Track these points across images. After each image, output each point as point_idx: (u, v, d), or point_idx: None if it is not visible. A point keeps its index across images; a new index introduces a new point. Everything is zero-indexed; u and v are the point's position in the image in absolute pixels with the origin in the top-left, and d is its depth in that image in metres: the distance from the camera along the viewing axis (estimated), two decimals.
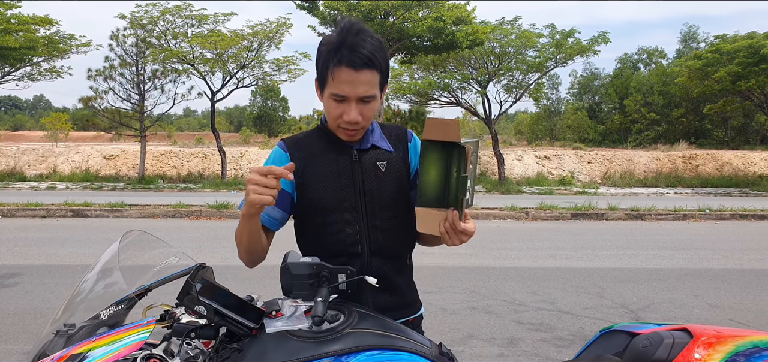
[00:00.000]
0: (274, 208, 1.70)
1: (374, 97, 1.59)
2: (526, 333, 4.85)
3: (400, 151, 1.76)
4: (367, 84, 1.56)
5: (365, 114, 1.60)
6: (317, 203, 1.68)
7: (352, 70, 1.53)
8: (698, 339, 1.47)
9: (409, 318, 1.79)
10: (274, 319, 1.45)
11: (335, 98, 1.58)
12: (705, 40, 47.29)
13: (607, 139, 46.41)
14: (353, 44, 1.54)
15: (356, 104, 1.58)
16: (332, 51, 1.56)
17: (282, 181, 1.56)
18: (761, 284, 6.60)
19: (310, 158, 1.70)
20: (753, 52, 19.66)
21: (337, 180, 1.68)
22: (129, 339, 1.34)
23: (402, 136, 1.78)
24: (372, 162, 1.70)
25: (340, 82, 1.55)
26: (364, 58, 1.53)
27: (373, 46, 1.56)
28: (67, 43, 20.57)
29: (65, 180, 21.51)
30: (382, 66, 1.58)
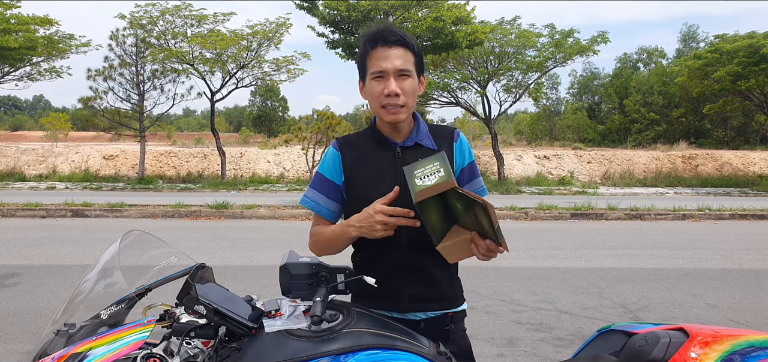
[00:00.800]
0: (330, 201, 1.84)
1: (410, 72, 1.73)
2: (525, 333, 4.86)
3: (445, 150, 1.79)
4: (401, 58, 1.72)
5: (405, 89, 1.72)
6: (363, 196, 1.76)
7: (386, 47, 1.71)
8: (694, 339, 1.48)
9: (448, 312, 1.82)
10: (273, 319, 1.46)
11: (374, 76, 1.74)
12: (705, 40, 47.37)
13: (607, 139, 46.42)
14: (385, 29, 1.74)
15: (395, 78, 1.71)
16: (368, 39, 1.76)
17: (332, 175, 1.82)
18: (760, 284, 6.61)
19: (358, 156, 1.82)
20: (753, 52, 19.66)
21: (380, 175, 1.77)
22: (129, 339, 1.34)
23: (448, 135, 1.86)
24: (414, 158, 1.72)
25: (376, 60, 1.73)
26: (396, 36, 1.72)
27: (403, 31, 1.76)
28: (66, 43, 20.58)
29: (65, 180, 21.51)
30: (414, 48, 1.75)
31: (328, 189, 1.83)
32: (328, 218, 1.85)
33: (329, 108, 24.55)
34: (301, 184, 21.27)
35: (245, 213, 12.55)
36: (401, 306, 1.76)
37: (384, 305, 1.76)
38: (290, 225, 11.37)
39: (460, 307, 1.87)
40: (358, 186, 1.80)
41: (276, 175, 23.85)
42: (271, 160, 25.16)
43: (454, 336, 1.83)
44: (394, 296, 1.76)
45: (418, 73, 1.78)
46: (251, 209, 12.85)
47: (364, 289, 1.72)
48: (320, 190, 1.84)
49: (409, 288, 1.76)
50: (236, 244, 8.89)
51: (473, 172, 1.86)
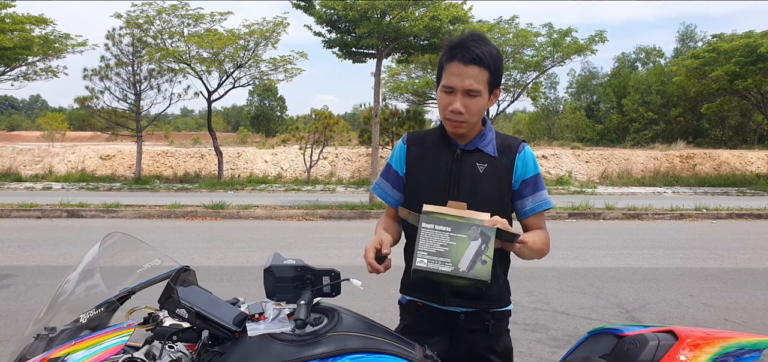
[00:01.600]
0: (393, 189, 1.96)
1: (479, 92, 1.75)
2: (520, 333, 4.83)
3: (506, 159, 1.84)
4: (473, 78, 1.73)
5: (469, 107, 1.76)
6: (419, 191, 1.85)
7: (461, 64, 1.73)
8: (683, 341, 1.47)
9: (492, 310, 1.86)
10: (257, 322, 1.43)
11: (445, 90, 1.78)
12: (702, 40, 47.38)
13: (606, 139, 46.43)
14: (467, 42, 1.74)
15: (462, 96, 1.75)
16: (448, 49, 1.78)
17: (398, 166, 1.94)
18: (757, 283, 6.60)
19: (422, 152, 1.90)
20: (750, 52, 19.67)
21: (437, 173, 1.83)
22: (109, 343, 1.32)
23: (513, 146, 1.87)
24: (472, 162, 1.83)
25: (450, 75, 1.76)
26: (473, 55, 1.72)
27: (485, 48, 1.74)
28: (62, 43, 20.51)
29: (61, 180, 21.45)
30: (491, 66, 1.75)
31: (393, 178, 1.95)
32: (392, 204, 1.97)
33: (328, 107, 24.54)
34: (299, 184, 21.24)
35: (242, 214, 12.52)
36: (442, 299, 1.81)
37: (427, 296, 1.84)
38: (287, 226, 11.34)
39: (505, 308, 1.91)
40: (415, 180, 1.89)
41: (274, 175, 23.81)
42: (269, 159, 25.12)
43: (494, 333, 1.86)
44: (434, 288, 1.80)
45: (490, 89, 1.79)
46: (248, 209, 12.82)
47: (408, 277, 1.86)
48: (388, 179, 1.97)
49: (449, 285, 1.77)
50: (232, 245, 8.86)
51: (536, 185, 1.87)
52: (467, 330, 1.84)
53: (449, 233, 1.52)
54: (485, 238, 1.51)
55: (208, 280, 6.36)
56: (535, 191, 1.86)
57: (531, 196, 1.86)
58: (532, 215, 1.87)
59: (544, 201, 1.87)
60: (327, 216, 12.68)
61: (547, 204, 1.87)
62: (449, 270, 1.50)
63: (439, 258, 1.50)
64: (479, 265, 1.49)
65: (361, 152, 25.47)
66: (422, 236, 1.54)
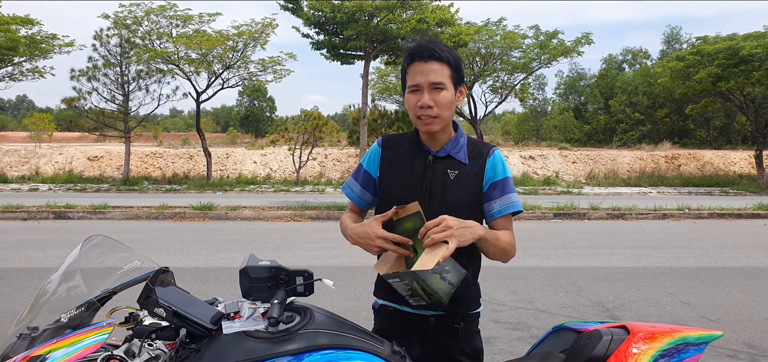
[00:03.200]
0: (364, 191, 2.01)
1: (444, 84, 1.82)
2: (502, 331, 4.93)
3: (477, 165, 1.90)
4: (435, 72, 1.82)
5: (438, 101, 1.82)
6: (391, 195, 1.90)
7: (422, 62, 1.83)
8: (635, 336, 1.56)
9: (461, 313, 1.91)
10: (232, 320, 1.51)
11: (411, 90, 1.86)
12: (687, 42, 47.93)
13: (593, 139, 46.83)
14: (425, 44, 1.85)
15: (429, 91, 1.82)
16: (408, 54, 1.88)
17: (370, 167, 1.99)
18: (733, 282, 6.75)
19: (396, 156, 1.95)
20: (732, 54, 19.94)
21: (409, 179, 1.89)
22: (89, 341, 1.38)
23: (483, 152, 1.93)
24: (443, 169, 1.89)
25: (414, 74, 1.85)
26: (431, 51, 1.82)
27: (443, 47, 1.86)
28: (49, 43, 20.38)
29: (48, 181, 21.31)
30: (450, 60, 1.85)
31: (365, 179, 2.00)
32: (358, 204, 2.03)
33: (318, 108, 24.59)
34: (288, 185, 21.26)
35: (230, 215, 12.54)
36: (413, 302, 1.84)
37: (399, 299, 1.86)
38: (275, 227, 11.38)
39: (475, 310, 1.95)
40: (388, 184, 1.94)
41: (263, 176, 23.81)
42: (258, 160, 25.11)
43: (464, 335, 1.90)
44: None
45: (455, 84, 1.86)
46: (236, 210, 12.84)
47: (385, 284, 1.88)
48: (358, 179, 2.01)
49: None
50: (220, 246, 8.89)
51: (505, 188, 1.91)
52: (438, 334, 1.88)
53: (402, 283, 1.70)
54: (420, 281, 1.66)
55: (194, 281, 6.41)
56: (503, 194, 1.89)
57: (499, 199, 1.89)
58: (499, 217, 1.90)
59: (511, 204, 1.90)
60: (315, 217, 12.73)
61: (514, 206, 1.90)
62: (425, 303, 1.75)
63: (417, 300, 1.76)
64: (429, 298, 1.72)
65: (351, 153, 25.53)
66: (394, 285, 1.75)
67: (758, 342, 4.66)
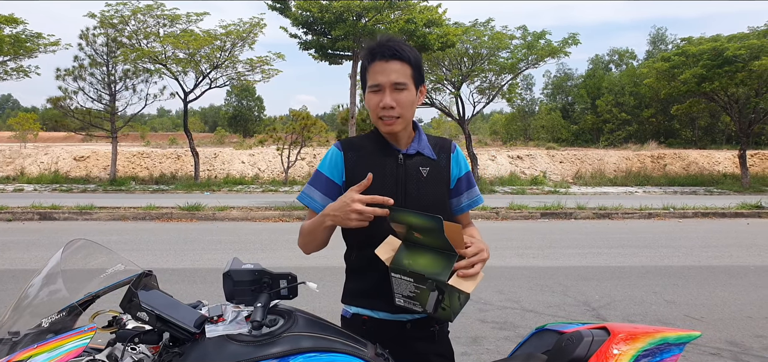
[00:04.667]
0: (326, 199, 1.88)
1: (405, 84, 1.81)
2: (489, 331, 4.96)
3: (443, 160, 1.91)
4: (397, 72, 1.79)
5: (400, 101, 1.80)
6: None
7: (383, 62, 1.80)
8: (615, 336, 1.58)
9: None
10: (216, 324, 1.50)
11: (372, 90, 1.83)
12: (672, 42, 48.47)
13: (580, 139, 47.20)
14: (385, 43, 1.82)
15: (390, 92, 1.79)
16: (367, 54, 1.85)
17: (333, 173, 1.89)
18: (717, 280, 6.84)
19: (360, 158, 1.88)
20: (716, 55, 20.18)
21: (382, 179, 1.83)
22: (71, 345, 1.38)
23: (446, 146, 1.95)
24: (416, 167, 1.87)
25: (374, 74, 1.81)
26: (392, 50, 1.80)
27: (400, 44, 1.83)
28: (34, 42, 20.15)
29: (33, 182, 21.09)
30: (411, 59, 1.82)
31: (326, 187, 1.89)
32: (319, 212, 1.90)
33: (306, 108, 24.50)
34: (276, 185, 21.19)
35: (217, 215, 12.48)
36: (394, 307, 1.78)
37: (377, 304, 1.84)
38: (263, 227, 11.34)
39: None
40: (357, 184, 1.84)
41: (251, 176, 23.72)
42: (246, 160, 25.00)
43: (438, 338, 1.91)
44: (388, 295, 1.77)
45: (416, 84, 1.84)
46: (224, 211, 12.78)
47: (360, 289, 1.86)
48: (318, 187, 1.89)
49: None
50: (207, 247, 8.85)
51: (470, 181, 1.97)
52: (414, 338, 1.86)
53: (413, 283, 1.65)
54: (441, 291, 1.61)
55: (182, 282, 6.38)
56: (469, 188, 1.96)
57: (466, 193, 1.96)
58: (467, 210, 1.98)
59: (478, 197, 1.99)
60: (304, 217, 12.71)
61: (480, 200, 1.99)
62: (420, 310, 1.68)
63: (411, 301, 1.68)
64: (440, 310, 1.65)
65: None
66: (394, 283, 1.69)
67: (741, 340, 4.73)
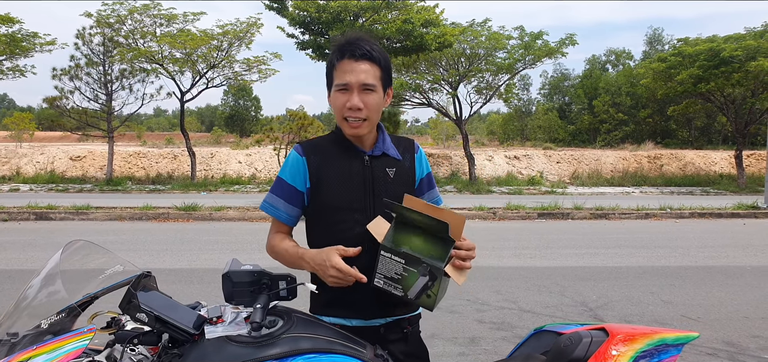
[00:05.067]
0: (289, 206, 1.85)
1: (374, 86, 1.77)
2: (487, 331, 4.96)
3: (408, 160, 1.91)
4: (366, 73, 1.75)
5: (368, 103, 1.76)
6: (330, 202, 1.81)
7: (352, 61, 1.74)
8: (614, 337, 1.59)
9: (407, 316, 1.90)
10: (215, 325, 1.51)
11: (339, 88, 1.77)
12: (669, 43, 48.64)
13: (577, 139, 47.29)
14: (355, 41, 1.77)
15: (358, 92, 1.75)
16: (336, 50, 1.79)
17: (295, 180, 1.83)
18: (713, 281, 6.86)
19: (325, 161, 1.83)
20: (713, 56, 20.24)
21: (349, 182, 1.81)
22: (70, 346, 1.38)
23: (410, 146, 1.95)
24: (382, 168, 1.85)
25: (342, 73, 1.76)
26: (362, 50, 1.75)
27: (371, 44, 1.78)
28: (30, 42, 20.09)
29: (29, 182, 21.02)
30: (381, 61, 1.78)
31: (289, 195, 1.84)
32: (287, 222, 1.88)
33: (303, 108, 24.53)
34: None
35: (214, 215, 12.46)
36: (367, 313, 1.81)
37: (350, 312, 1.81)
38: (260, 227, 11.33)
39: (417, 312, 1.94)
40: (325, 189, 1.81)
41: (247, 176, 23.69)
42: (243, 160, 24.97)
43: (411, 338, 1.90)
44: (360, 304, 1.79)
45: (384, 86, 1.81)
46: (220, 211, 12.76)
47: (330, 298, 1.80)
48: (281, 195, 1.85)
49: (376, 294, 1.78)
50: (204, 247, 8.84)
51: (431, 182, 1.98)
52: (388, 341, 1.83)
53: (403, 265, 1.65)
54: (433, 277, 1.63)
55: (179, 283, 6.37)
56: (430, 188, 1.97)
57: (427, 193, 1.95)
58: None
59: (438, 198, 1.99)
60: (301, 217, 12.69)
61: (440, 200, 1.99)
62: (399, 295, 1.67)
63: (393, 284, 1.67)
64: (424, 298, 1.65)
65: None
66: (380, 261, 1.68)
67: (737, 340, 4.75)
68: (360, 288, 1.73)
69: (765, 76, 19.02)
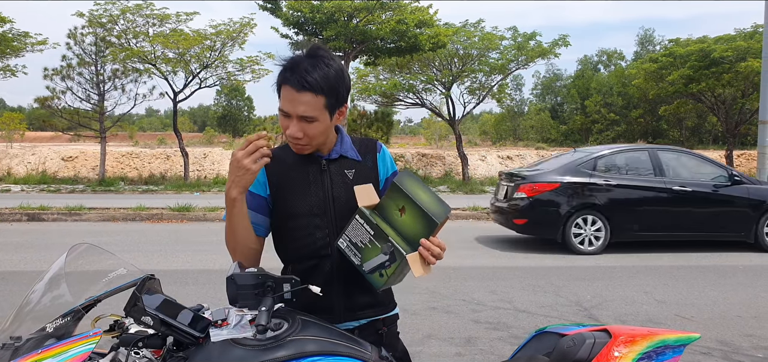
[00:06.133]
0: (256, 215, 1.82)
1: (314, 118, 1.68)
2: (483, 331, 4.98)
3: (369, 160, 1.88)
4: (306, 105, 1.66)
5: (307, 132, 1.71)
6: (290, 210, 1.80)
7: (293, 90, 1.66)
8: (616, 339, 1.61)
9: (381, 317, 1.88)
10: (220, 328, 1.51)
11: (281, 113, 1.73)
12: (660, 43, 48.96)
13: (569, 139, 47.51)
14: (300, 67, 1.66)
15: (298, 121, 1.69)
16: (282, 70, 1.70)
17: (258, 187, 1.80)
18: (706, 279, 6.92)
19: (284, 169, 1.81)
20: (704, 56, 20.42)
21: (307, 188, 1.79)
22: (74, 351, 1.37)
23: (371, 147, 1.91)
24: (340, 170, 1.82)
25: (284, 100, 1.69)
26: (303, 81, 1.64)
27: (319, 73, 1.65)
28: (21, 41, 19.93)
29: (20, 182, 20.85)
30: (325, 90, 1.67)
31: (252, 201, 1.81)
32: (259, 233, 1.85)
33: None
34: None
35: (208, 216, 12.42)
36: (336, 317, 1.78)
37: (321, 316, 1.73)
38: None
39: (393, 312, 1.93)
40: (284, 198, 1.81)
41: None
42: None
43: (387, 340, 1.87)
44: (328, 307, 1.77)
45: (331, 110, 1.72)
46: (214, 212, 12.72)
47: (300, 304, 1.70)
48: (248, 205, 1.79)
49: (344, 298, 1.80)
50: (199, 248, 8.81)
51: None
52: None
53: (371, 236, 1.66)
54: (392, 259, 1.64)
55: (173, 284, 6.34)
56: None
57: None
58: None
59: None
60: None
61: None
62: (356, 262, 1.69)
63: (354, 250, 1.69)
64: (377, 275, 1.67)
65: None
66: (351, 225, 1.69)
67: (731, 339, 4.79)
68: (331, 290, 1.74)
69: (755, 77, 19.16)
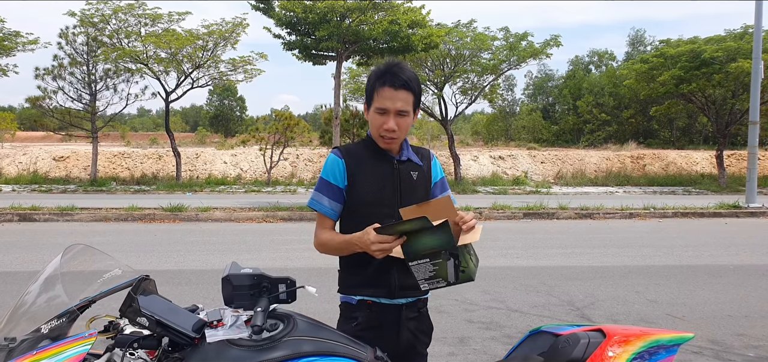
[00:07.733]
0: (333, 202, 2.12)
1: (408, 112, 2.06)
2: (476, 331, 5.00)
3: (427, 166, 2.22)
4: (403, 101, 2.03)
5: (401, 125, 2.06)
6: (365, 198, 2.09)
7: (392, 89, 2.02)
8: (610, 339, 1.62)
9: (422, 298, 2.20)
10: (215, 329, 1.51)
11: (378, 111, 2.05)
12: (651, 44, 49.22)
13: (561, 139, 47.70)
14: (395, 71, 2.04)
15: (394, 116, 2.03)
16: (379, 75, 2.06)
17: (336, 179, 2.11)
18: (697, 279, 6.97)
19: (359, 163, 2.12)
20: (694, 57, 20.54)
21: (380, 181, 2.10)
22: (70, 352, 1.37)
23: (427, 155, 2.26)
24: (408, 171, 2.15)
25: (383, 99, 2.03)
26: (402, 81, 2.02)
27: (410, 74, 2.06)
28: (12, 41, 19.74)
29: (11, 182, 20.69)
30: (416, 90, 2.07)
31: (331, 192, 2.11)
32: (331, 217, 2.14)
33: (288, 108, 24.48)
34: (259, 185, 21.07)
35: (201, 216, 12.37)
36: (392, 293, 2.07)
37: (376, 292, 2.08)
38: (246, 228, 11.28)
39: (426, 295, 2.23)
40: (361, 190, 2.10)
41: (233, 176, 23.54)
42: (228, 160, 24.81)
43: (423, 317, 2.21)
44: (386, 284, 2.06)
45: (414, 109, 2.10)
46: (207, 212, 12.68)
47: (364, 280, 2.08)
48: (325, 193, 2.12)
49: (398, 278, 2.06)
50: (191, 248, 8.78)
51: (444, 186, 2.25)
52: (408, 319, 2.13)
53: (430, 263, 1.82)
54: (455, 256, 1.80)
55: (166, 284, 6.31)
56: (443, 191, 2.23)
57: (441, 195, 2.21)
58: None
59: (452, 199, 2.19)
60: (287, 218, 12.66)
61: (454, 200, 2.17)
62: (445, 285, 1.87)
63: (434, 281, 1.86)
64: (461, 275, 1.85)
65: (322, 153, 25.43)
66: (414, 271, 1.86)
67: (721, 338, 4.83)
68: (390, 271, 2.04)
69: (745, 78, 19.31)
